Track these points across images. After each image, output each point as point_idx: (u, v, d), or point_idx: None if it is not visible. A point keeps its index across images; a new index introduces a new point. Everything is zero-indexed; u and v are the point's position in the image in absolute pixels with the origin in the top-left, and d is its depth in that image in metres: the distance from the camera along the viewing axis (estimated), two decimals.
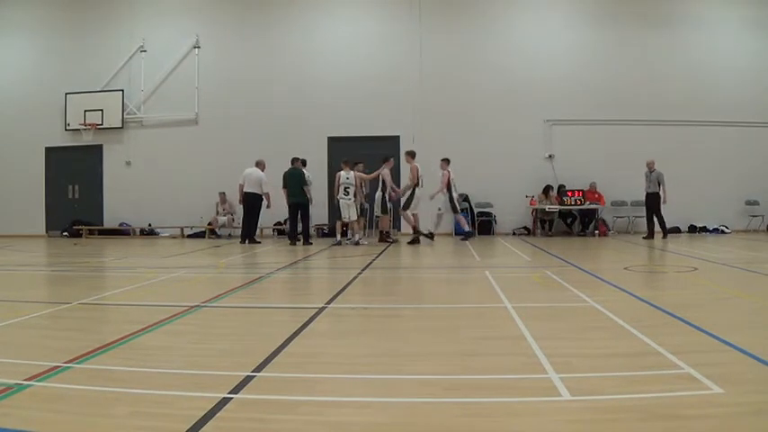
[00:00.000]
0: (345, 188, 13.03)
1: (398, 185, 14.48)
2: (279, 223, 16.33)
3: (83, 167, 17.47)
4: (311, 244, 13.38)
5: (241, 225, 14.64)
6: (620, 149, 16.09)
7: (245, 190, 13.84)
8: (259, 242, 14.10)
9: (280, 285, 7.65)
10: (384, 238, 13.67)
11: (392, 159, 14.25)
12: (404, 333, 4.80)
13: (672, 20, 16.40)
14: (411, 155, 13.67)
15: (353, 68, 16.68)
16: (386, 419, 2.78)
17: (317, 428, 2.69)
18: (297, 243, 13.47)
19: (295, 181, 13.42)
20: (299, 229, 13.79)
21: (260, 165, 14.14)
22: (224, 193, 16.02)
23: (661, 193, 14.09)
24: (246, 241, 13.94)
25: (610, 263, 10.17)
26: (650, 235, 14.28)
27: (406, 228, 16.22)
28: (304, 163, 14.15)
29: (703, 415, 2.76)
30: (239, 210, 14.82)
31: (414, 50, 16.52)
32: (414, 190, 13.33)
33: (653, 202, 14.25)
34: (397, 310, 5.94)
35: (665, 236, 14.15)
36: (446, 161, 13.93)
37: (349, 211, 12.97)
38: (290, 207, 13.56)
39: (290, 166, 13.71)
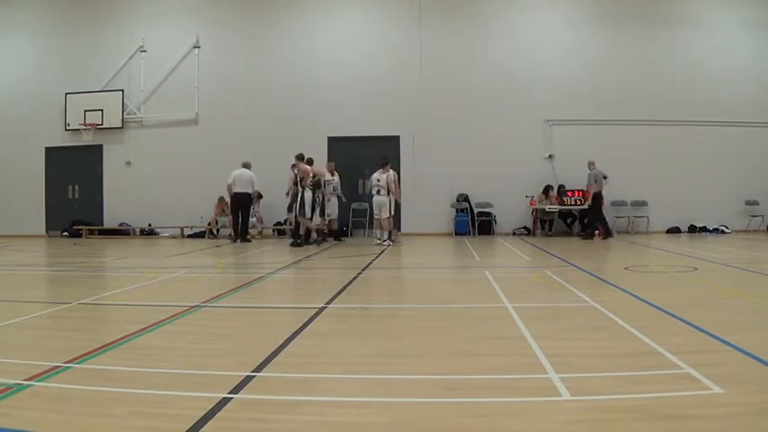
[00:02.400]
0: (334, 187, 13.36)
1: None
2: (279, 223, 16.34)
3: (83, 167, 17.45)
4: (310, 243, 13.42)
5: (232, 225, 14.91)
6: (620, 149, 16.08)
7: (236, 190, 14.09)
8: (249, 240, 14.36)
9: (280, 285, 7.65)
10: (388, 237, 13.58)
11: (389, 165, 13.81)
12: (404, 333, 4.80)
13: (672, 20, 16.38)
14: (300, 158, 13.23)
15: (353, 68, 16.66)
16: (386, 419, 2.78)
17: (317, 428, 2.69)
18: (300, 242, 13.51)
19: None
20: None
21: (248, 166, 14.47)
22: (222, 197, 15.96)
23: (595, 191, 14.25)
24: (238, 240, 14.17)
25: (610, 263, 10.18)
26: (590, 235, 14.43)
27: (406, 227, 16.28)
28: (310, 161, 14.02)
29: (703, 415, 2.76)
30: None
31: (414, 50, 16.50)
32: (302, 194, 12.93)
33: (596, 202, 14.41)
34: (397, 310, 5.95)
35: (605, 236, 14.28)
36: (298, 158, 13.27)
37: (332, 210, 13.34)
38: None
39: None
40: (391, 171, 13.52)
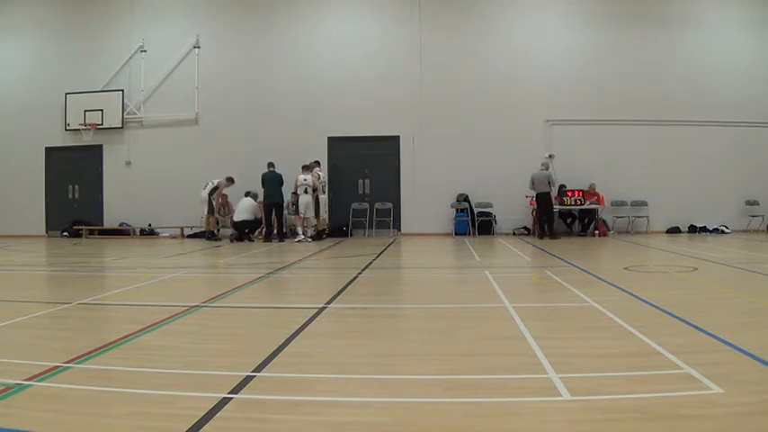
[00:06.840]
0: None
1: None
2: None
3: (83, 167, 17.44)
4: (284, 242, 14.09)
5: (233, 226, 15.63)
6: (620, 149, 16.08)
7: (235, 218, 14.97)
8: (219, 242, 14.69)
9: (280, 285, 7.65)
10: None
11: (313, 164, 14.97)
12: (404, 333, 4.80)
13: (672, 20, 16.38)
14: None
15: (354, 68, 16.66)
16: (386, 419, 2.78)
17: (316, 428, 2.70)
18: (273, 240, 14.30)
19: (275, 182, 14.47)
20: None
21: (254, 196, 15.16)
22: (226, 195, 15.95)
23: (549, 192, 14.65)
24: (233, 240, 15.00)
25: (610, 263, 10.17)
26: (542, 235, 14.63)
27: (406, 227, 16.30)
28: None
29: (703, 415, 2.76)
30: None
31: (414, 50, 16.50)
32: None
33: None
34: (397, 310, 5.95)
35: (541, 237, 14.59)
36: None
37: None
38: (267, 206, 14.49)
39: (269, 169, 14.76)
40: (316, 170, 14.79)
